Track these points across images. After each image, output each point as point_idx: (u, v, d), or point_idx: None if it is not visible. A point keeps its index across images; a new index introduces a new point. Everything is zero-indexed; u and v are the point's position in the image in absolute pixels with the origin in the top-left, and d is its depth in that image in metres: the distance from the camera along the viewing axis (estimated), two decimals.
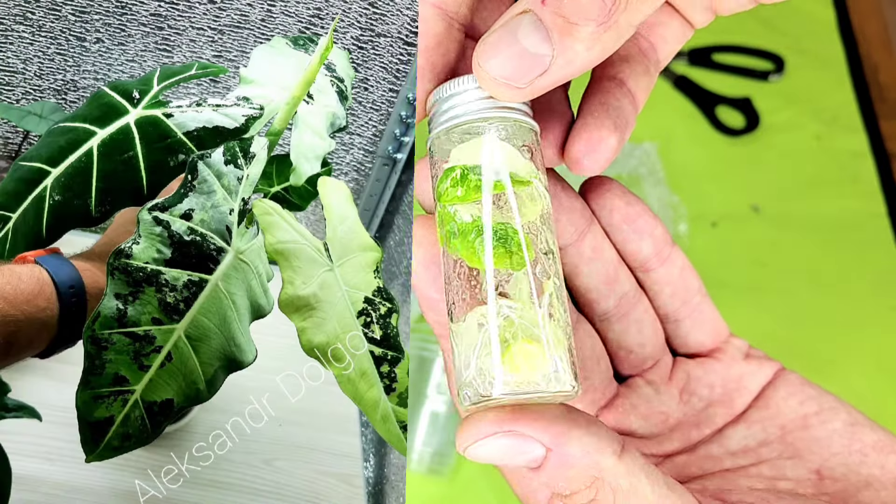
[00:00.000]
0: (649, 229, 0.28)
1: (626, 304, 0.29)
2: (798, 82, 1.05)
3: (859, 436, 0.28)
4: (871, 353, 0.88)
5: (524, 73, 0.22)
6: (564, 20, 0.21)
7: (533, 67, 0.22)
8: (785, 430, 0.29)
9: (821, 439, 0.28)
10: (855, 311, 0.91)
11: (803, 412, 0.29)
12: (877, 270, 0.94)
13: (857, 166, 1.01)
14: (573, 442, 0.22)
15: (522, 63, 0.22)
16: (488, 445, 0.23)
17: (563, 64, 0.22)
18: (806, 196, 0.98)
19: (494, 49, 0.22)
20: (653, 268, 0.29)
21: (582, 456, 0.22)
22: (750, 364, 0.30)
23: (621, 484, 0.23)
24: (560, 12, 0.21)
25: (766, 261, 0.93)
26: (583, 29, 0.21)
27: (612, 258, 0.29)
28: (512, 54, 0.22)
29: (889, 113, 1.06)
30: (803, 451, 0.28)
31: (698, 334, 0.30)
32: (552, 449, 0.22)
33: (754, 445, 0.29)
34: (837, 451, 0.28)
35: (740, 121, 1.02)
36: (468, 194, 0.24)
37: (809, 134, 1.03)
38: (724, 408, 0.30)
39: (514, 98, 0.23)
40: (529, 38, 0.22)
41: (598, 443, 0.23)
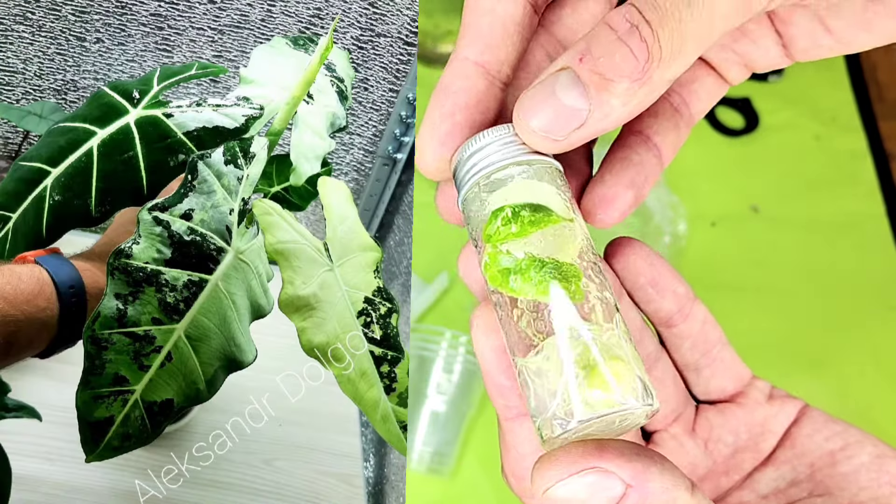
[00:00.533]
0: (672, 288, 0.29)
1: (647, 363, 0.30)
2: (797, 83, 1.05)
3: (887, 468, 0.28)
4: (870, 353, 0.88)
5: (562, 126, 0.23)
6: (601, 77, 0.22)
7: (570, 121, 0.23)
8: (813, 468, 0.29)
9: (849, 474, 0.28)
10: (853, 310, 0.91)
11: (829, 448, 0.29)
12: (875, 270, 0.94)
13: (855, 166, 1.01)
14: (654, 479, 0.22)
15: (560, 117, 0.23)
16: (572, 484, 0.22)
17: (599, 118, 0.23)
18: (805, 196, 0.98)
19: (534, 103, 0.23)
20: (675, 324, 0.29)
21: (661, 492, 0.23)
22: (773, 406, 0.30)
23: None
24: (596, 69, 0.22)
25: (765, 260, 0.93)
26: (618, 85, 0.22)
27: (638, 324, 0.29)
28: (551, 108, 0.23)
29: (888, 113, 1.06)
30: (833, 488, 0.28)
31: (719, 381, 0.30)
32: (633, 486, 0.22)
33: (784, 486, 0.29)
34: (866, 486, 0.28)
35: (740, 121, 1.02)
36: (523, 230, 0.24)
37: (808, 134, 1.03)
38: (751, 452, 0.30)
39: (551, 149, 0.24)
40: (567, 93, 0.23)
41: (675, 479, 0.23)
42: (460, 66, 0.25)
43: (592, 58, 0.22)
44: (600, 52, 0.23)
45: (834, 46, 0.26)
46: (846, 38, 0.26)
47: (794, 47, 0.27)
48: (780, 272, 0.93)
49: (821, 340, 0.87)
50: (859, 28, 0.25)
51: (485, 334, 0.26)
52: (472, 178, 0.25)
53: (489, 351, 0.26)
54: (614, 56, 0.22)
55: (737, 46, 0.28)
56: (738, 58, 0.28)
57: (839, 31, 0.26)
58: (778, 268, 0.93)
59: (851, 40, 0.26)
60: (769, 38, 0.27)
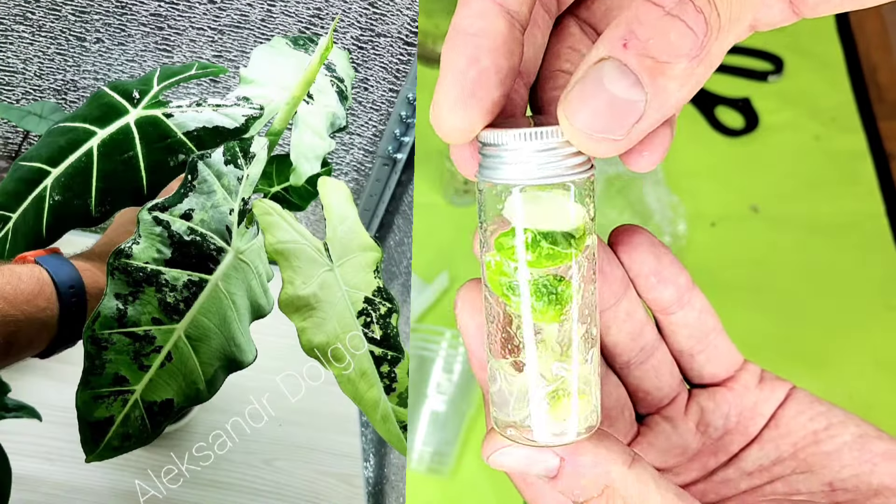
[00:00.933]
0: (674, 278, 0.29)
1: (646, 352, 0.30)
2: (797, 83, 1.05)
3: (869, 447, 0.28)
4: (869, 353, 0.88)
5: (619, 122, 0.21)
6: (654, 60, 0.20)
7: (628, 115, 0.20)
8: (797, 447, 0.29)
9: (831, 453, 0.29)
10: (853, 310, 0.91)
11: (813, 428, 0.29)
12: (875, 270, 0.94)
13: (855, 166, 1.01)
14: (585, 453, 0.24)
15: (615, 112, 0.20)
16: (510, 454, 0.25)
17: (657, 106, 0.21)
18: (805, 196, 0.98)
19: (581, 101, 0.21)
20: (673, 312, 0.29)
21: (593, 465, 0.24)
22: (763, 390, 0.30)
23: (631, 492, 0.24)
24: (647, 53, 0.20)
25: (765, 260, 0.93)
26: (675, 66, 0.20)
27: (641, 317, 0.29)
28: (602, 105, 0.20)
29: (888, 113, 1.06)
30: (815, 466, 0.29)
31: (713, 367, 0.31)
32: (565, 459, 0.24)
33: (768, 464, 0.29)
34: (848, 463, 0.28)
35: (739, 121, 1.02)
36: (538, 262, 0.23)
37: (808, 134, 1.03)
38: (739, 435, 0.30)
39: (611, 152, 0.21)
40: (617, 84, 0.20)
41: (608, 453, 0.24)
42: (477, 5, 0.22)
43: (639, 41, 0.20)
44: (648, 34, 0.20)
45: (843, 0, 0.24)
46: None
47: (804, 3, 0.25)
48: (780, 272, 0.93)
49: (821, 340, 0.87)
50: None
51: (469, 313, 0.26)
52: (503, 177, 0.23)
53: (474, 328, 0.26)
54: (668, 35, 0.20)
55: None
56: None
57: None
58: (778, 268, 0.93)
59: None
60: None
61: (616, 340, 0.29)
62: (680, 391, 0.31)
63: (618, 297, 0.29)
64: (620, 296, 0.29)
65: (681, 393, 0.31)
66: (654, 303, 0.29)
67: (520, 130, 0.22)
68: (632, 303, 0.29)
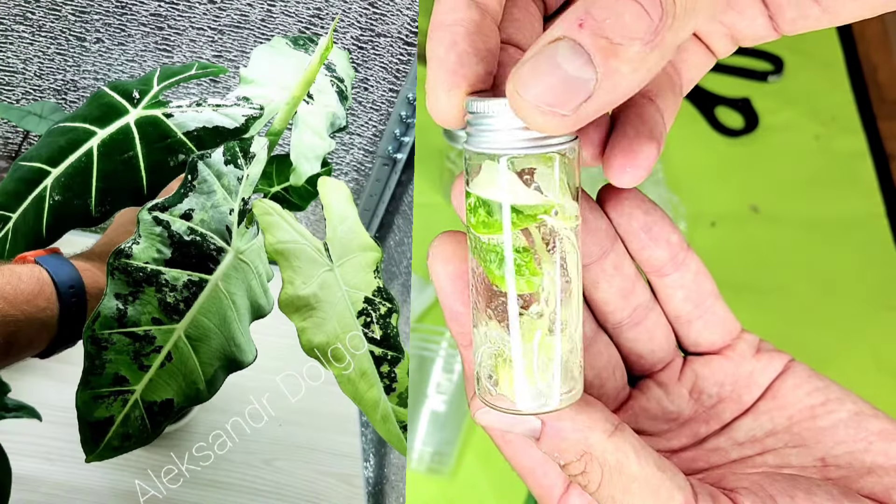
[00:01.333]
0: (665, 236, 0.29)
1: (639, 313, 0.30)
2: (797, 83, 1.05)
3: (864, 425, 0.28)
4: (870, 353, 0.88)
5: (568, 98, 0.21)
6: (607, 41, 0.20)
7: (577, 93, 0.21)
8: (792, 421, 0.29)
9: (826, 428, 0.29)
10: (853, 310, 0.91)
11: (810, 403, 0.29)
12: (875, 270, 0.94)
13: (855, 166, 1.01)
14: (565, 418, 0.25)
15: (566, 89, 0.21)
16: (495, 413, 0.25)
17: (608, 88, 0.21)
18: (805, 196, 0.98)
19: (533, 76, 0.21)
20: (667, 273, 0.29)
21: (572, 431, 0.25)
22: (760, 360, 0.30)
23: (608, 459, 0.25)
24: (602, 33, 0.20)
25: (765, 260, 0.93)
26: (628, 49, 0.20)
27: (631, 273, 0.29)
28: (553, 80, 0.21)
29: (888, 113, 1.06)
30: (808, 441, 0.29)
31: (710, 334, 0.30)
32: (546, 422, 0.25)
33: (761, 436, 0.29)
34: (842, 440, 0.28)
35: (739, 121, 1.02)
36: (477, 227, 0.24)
37: (808, 134, 1.03)
38: (733, 404, 0.30)
39: (558, 128, 0.22)
40: (570, 62, 0.20)
41: (589, 421, 0.25)
42: (449, 2, 0.24)
43: (595, 21, 0.20)
44: (604, 14, 0.20)
45: (821, 17, 0.25)
46: (833, 8, 0.25)
47: (782, 18, 0.26)
48: (780, 272, 0.93)
49: (821, 340, 0.87)
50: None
51: (441, 262, 0.26)
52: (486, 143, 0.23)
53: (445, 277, 0.26)
54: (623, 16, 0.20)
55: (723, 17, 0.27)
56: (725, 29, 0.27)
57: (826, 1, 0.25)
58: (778, 268, 0.93)
59: (839, 10, 0.25)
60: (755, 9, 0.26)
61: (606, 297, 0.29)
62: (675, 356, 0.31)
63: (603, 249, 0.28)
64: (607, 249, 0.28)
65: (675, 358, 0.31)
66: (647, 263, 0.29)
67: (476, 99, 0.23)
68: (619, 256, 0.29)
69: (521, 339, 0.24)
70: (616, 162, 0.25)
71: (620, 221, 0.28)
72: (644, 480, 0.25)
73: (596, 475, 0.25)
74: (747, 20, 0.27)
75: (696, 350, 0.31)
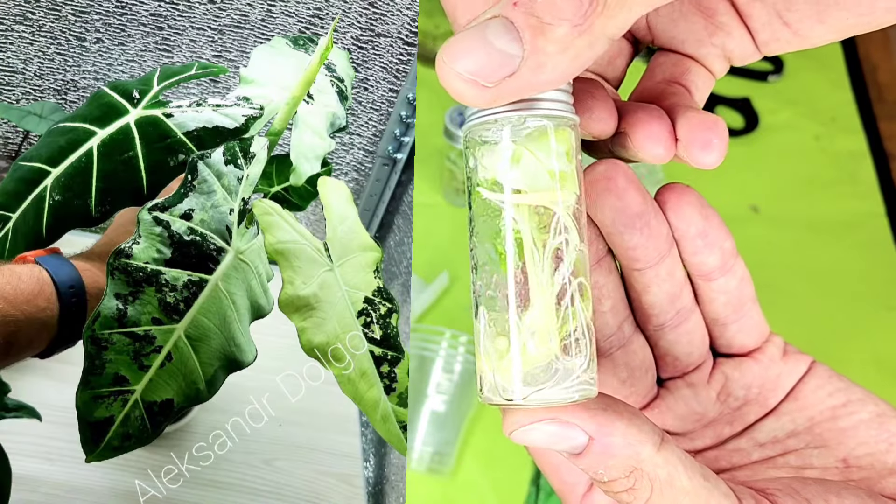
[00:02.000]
0: (720, 242, 0.29)
1: (681, 316, 0.30)
2: (797, 83, 1.05)
3: (887, 426, 0.28)
4: (870, 353, 0.88)
5: (492, 71, 0.21)
6: (538, 20, 0.21)
7: (502, 66, 0.21)
8: (813, 422, 0.29)
9: (847, 429, 0.29)
10: (853, 310, 0.91)
11: (832, 404, 0.29)
12: (875, 270, 0.94)
13: (855, 166, 1.01)
14: (616, 432, 0.24)
15: (491, 61, 0.21)
16: (536, 431, 0.24)
17: (533, 66, 0.21)
18: (805, 196, 0.98)
19: (461, 46, 0.22)
20: (715, 278, 0.29)
21: (623, 446, 0.24)
22: (787, 363, 0.30)
23: (659, 474, 0.24)
24: (532, 12, 0.21)
25: (765, 260, 0.93)
26: (557, 29, 0.21)
27: (681, 277, 0.29)
28: (480, 52, 0.21)
29: (888, 113, 1.06)
30: (830, 441, 0.29)
31: (744, 337, 0.30)
32: (595, 438, 0.24)
33: (783, 437, 0.29)
34: (864, 441, 0.28)
35: (739, 121, 1.02)
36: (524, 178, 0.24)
37: (808, 134, 1.03)
38: (757, 406, 0.30)
39: (478, 98, 0.22)
40: (499, 38, 0.21)
41: (640, 434, 0.24)
42: None
43: (529, 1, 0.21)
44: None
45: (792, 40, 0.26)
46: (802, 31, 0.26)
47: (758, 40, 0.27)
48: (780, 272, 0.93)
49: (821, 340, 0.87)
50: (813, 20, 0.25)
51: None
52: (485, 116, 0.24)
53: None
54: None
55: (714, 40, 0.28)
56: (718, 50, 0.28)
57: (795, 24, 0.26)
58: (778, 268, 0.93)
59: (808, 33, 0.26)
60: (741, 30, 0.27)
61: (654, 301, 0.29)
62: (707, 358, 0.31)
63: (662, 254, 0.28)
64: (664, 254, 0.28)
65: (707, 360, 0.31)
66: (697, 267, 0.29)
67: None
68: (674, 262, 0.28)
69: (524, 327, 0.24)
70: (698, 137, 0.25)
71: (679, 225, 0.28)
72: (694, 493, 0.24)
73: (645, 491, 0.24)
74: (735, 41, 0.27)
75: (727, 351, 0.31)
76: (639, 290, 0.29)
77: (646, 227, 0.27)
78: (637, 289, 0.29)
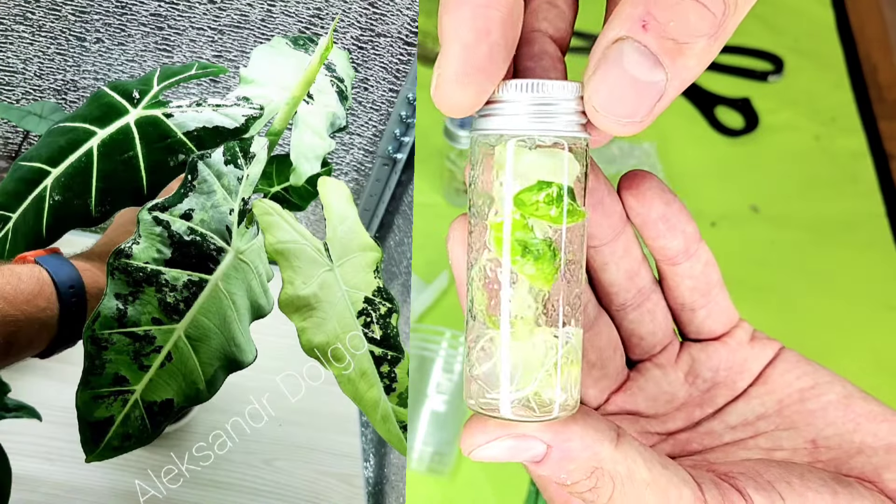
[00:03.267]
0: (682, 227, 0.29)
1: (642, 295, 0.30)
2: (797, 83, 1.05)
3: (853, 406, 0.29)
4: (870, 353, 0.88)
5: (644, 104, 0.21)
6: (674, 42, 0.21)
7: (651, 96, 0.21)
8: (782, 405, 0.30)
9: (816, 411, 0.29)
10: (853, 310, 0.91)
11: (800, 386, 0.30)
12: (875, 270, 0.94)
13: (855, 166, 1.01)
14: (573, 436, 0.24)
15: (639, 95, 0.21)
16: (493, 448, 0.24)
17: (678, 85, 0.21)
18: (805, 196, 0.98)
19: (604, 85, 0.21)
20: (679, 262, 0.29)
21: (582, 449, 0.24)
22: (754, 347, 0.31)
23: (619, 470, 0.24)
24: (668, 35, 0.21)
25: (765, 261, 0.93)
26: (695, 46, 0.21)
27: (638, 255, 0.29)
28: (629, 92, 0.21)
29: (888, 113, 1.06)
30: (799, 423, 0.29)
31: (712, 323, 0.31)
32: (552, 445, 0.24)
33: (752, 419, 0.30)
34: (832, 422, 0.29)
35: (739, 121, 1.02)
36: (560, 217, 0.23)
37: (808, 134, 1.03)
38: (726, 389, 0.30)
39: (634, 132, 0.22)
40: (640, 69, 0.21)
41: (596, 434, 0.24)
42: None
43: (659, 24, 0.21)
44: (668, 16, 0.21)
45: None
46: None
47: None
48: (780, 272, 0.93)
49: (821, 340, 0.87)
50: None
51: (461, 245, 0.26)
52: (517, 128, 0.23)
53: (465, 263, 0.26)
54: (688, 17, 0.20)
55: None
56: None
57: None
58: (778, 268, 0.93)
59: None
60: None
61: (612, 279, 0.29)
62: (672, 340, 0.31)
63: (616, 231, 0.28)
64: (620, 231, 0.28)
65: (672, 342, 0.31)
66: (660, 251, 0.29)
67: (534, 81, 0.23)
68: (629, 240, 0.29)
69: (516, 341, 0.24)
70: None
71: (640, 210, 0.28)
72: (654, 483, 0.24)
73: (607, 489, 0.24)
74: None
75: (696, 337, 0.31)
76: (597, 268, 0.29)
77: (599, 205, 0.27)
78: (595, 267, 0.29)
